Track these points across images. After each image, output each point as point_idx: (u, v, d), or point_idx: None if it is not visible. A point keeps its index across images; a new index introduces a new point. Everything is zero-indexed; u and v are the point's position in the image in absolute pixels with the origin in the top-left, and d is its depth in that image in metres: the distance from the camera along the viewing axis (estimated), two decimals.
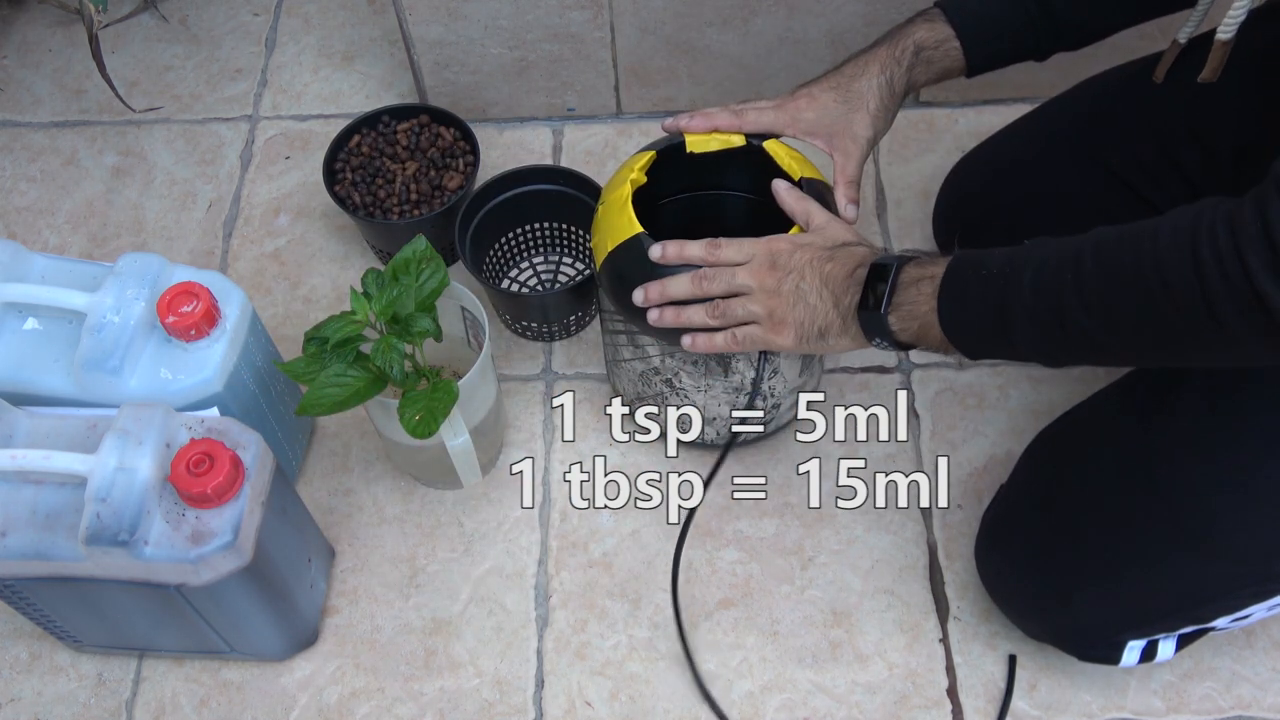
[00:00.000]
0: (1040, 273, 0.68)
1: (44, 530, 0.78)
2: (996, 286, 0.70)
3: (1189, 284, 0.61)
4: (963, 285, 0.73)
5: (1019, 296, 0.69)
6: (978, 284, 0.72)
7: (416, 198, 1.15)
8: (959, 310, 0.73)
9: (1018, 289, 0.69)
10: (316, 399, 0.85)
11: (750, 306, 0.83)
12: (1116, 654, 0.87)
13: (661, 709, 0.94)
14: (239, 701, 0.96)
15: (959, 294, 0.73)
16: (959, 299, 0.73)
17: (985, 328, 0.72)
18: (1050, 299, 0.68)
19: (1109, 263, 0.66)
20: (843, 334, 0.80)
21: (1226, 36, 0.79)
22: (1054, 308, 0.68)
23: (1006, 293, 0.70)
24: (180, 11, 1.45)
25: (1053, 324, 0.68)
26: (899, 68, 0.90)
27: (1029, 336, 0.70)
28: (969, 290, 0.73)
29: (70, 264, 0.92)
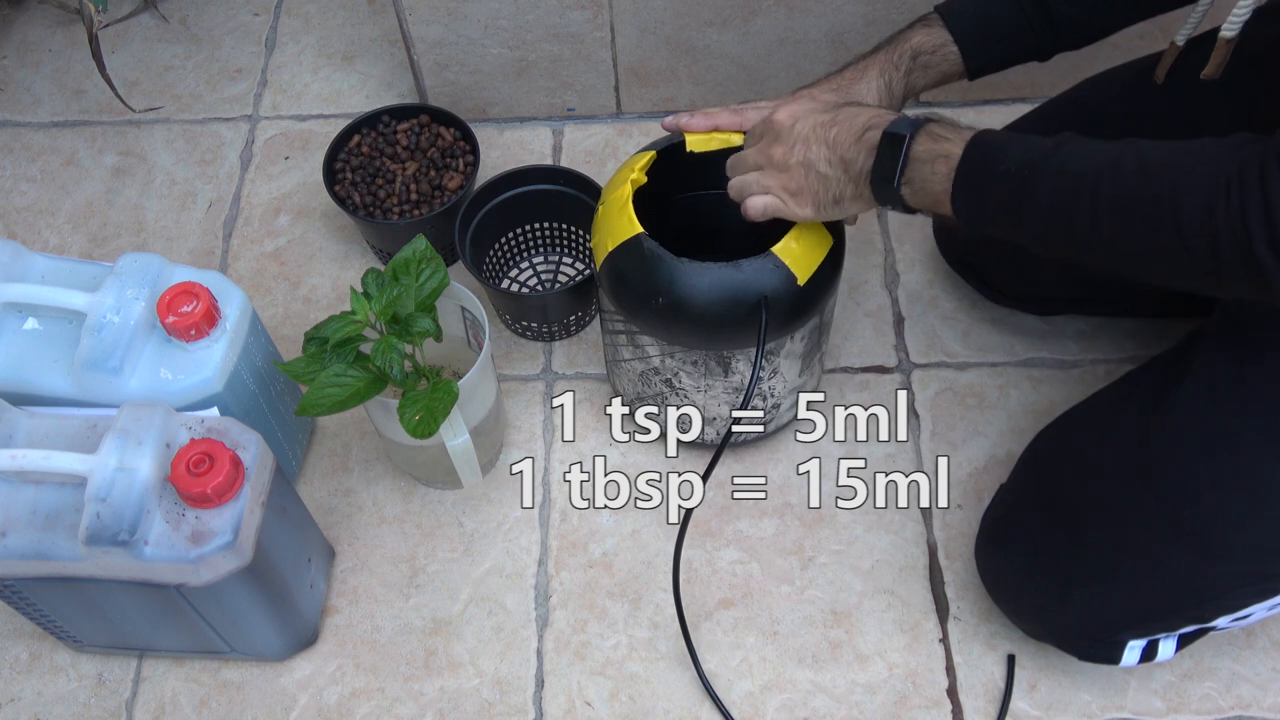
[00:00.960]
0: (1058, 184, 0.69)
1: (44, 530, 0.78)
2: (1013, 186, 0.71)
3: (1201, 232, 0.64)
4: (979, 177, 0.73)
5: (1034, 204, 0.70)
6: (994, 180, 0.72)
7: (416, 198, 1.15)
8: (973, 200, 0.74)
9: (1033, 198, 0.70)
10: (316, 399, 0.85)
11: (764, 181, 0.84)
12: (1117, 654, 0.87)
13: (661, 709, 0.94)
14: (239, 701, 0.96)
15: (975, 185, 0.73)
16: (974, 190, 0.73)
17: (997, 219, 0.73)
18: (1063, 213, 0.69)
19: (1128, 194, 0.67)
20: (857, 199, 0.81)
21: (1231, 34, 0.79)
22: (1066, 222, 0.69)
23: (1022, 197, 0.71)
24: (180, 11, 1.45)
25: (1062, 233, 0.70)
26: (897, 72, 0.90)
27: (1037, 236, 0.72)
28: (985, 184, 0.73)
29: (70, 264, 0.92)
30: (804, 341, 0.94)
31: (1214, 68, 0.83)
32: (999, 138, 0.74)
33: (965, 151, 0.73)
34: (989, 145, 0.73)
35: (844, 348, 1.13)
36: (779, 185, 0.83)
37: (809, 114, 0.82)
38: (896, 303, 1.16)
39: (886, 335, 1.14)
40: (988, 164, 0.73)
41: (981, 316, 1.14)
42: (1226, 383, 0.76)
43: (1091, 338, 1.12)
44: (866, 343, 1.13)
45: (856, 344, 1.13)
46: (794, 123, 0.82)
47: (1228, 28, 0.79)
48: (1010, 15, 0.89)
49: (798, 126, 0.81)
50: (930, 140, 0.75)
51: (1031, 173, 0.70)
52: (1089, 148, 0.70)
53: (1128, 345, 1.12)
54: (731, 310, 0.87)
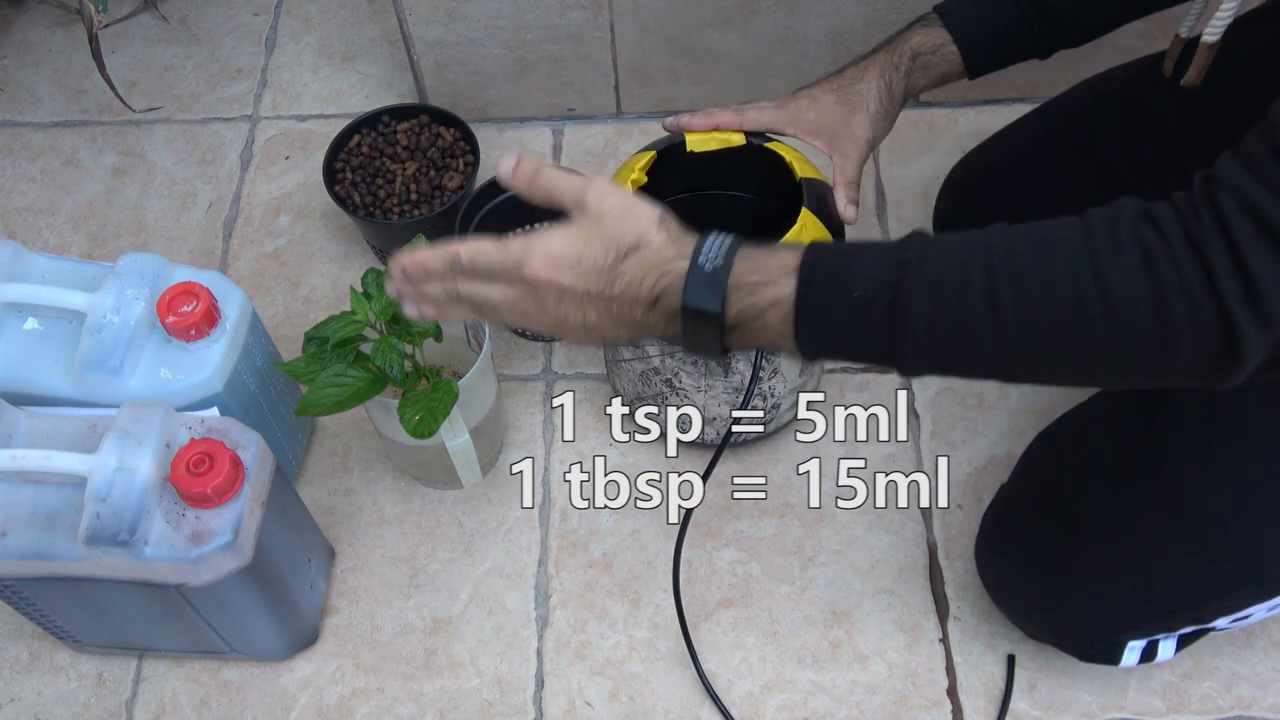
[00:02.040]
0: (936, 301, 0.57)
1: (44, 530, 0.78)
2: (873, 316, 0.59)
3: (1144, 314, 0.54)
4: (825, 316, 0.60)
5: (907, 330, 0.58)
6: (846, 314, 0.60)
7: (416, 198, 1.15)
8: (825, 343, 0.62)
9: (905, 321, 0.58)
10: (316, 399, 0.85)
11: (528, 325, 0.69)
12: (1117, 654, 0.87)
13: (661, 709, 0.94)
14: (239, 701, 0.96)
15: (823, 327, 0.61)
16: (823, 333, 0.61)
17: (863, 357, 0.62)
18: (953, 330, 0.58)
19: (1033, 290, 0.56)
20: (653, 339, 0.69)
21: (1213, 39, 0.78)
22: (958, 341, 0.58)
23: (891, 324, 0.58)
24: (180, 11, 1.45)
25: (954, 354, 0.59)
26: (897, 73, 0.90)
27: (919, 365, 0.60)
28: (835, 321, 0.60)
29: (70, 264, 0.92)
30: None
31: (1195, 74, 0.81)
32: (835, 259, 0.61)
33: (798, 288, 0.60)
34: (826, 272, 0.60)
35: None
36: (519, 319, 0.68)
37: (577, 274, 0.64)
38: None
39: None
40: (833, 296, 0.59)
41: None
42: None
43: None
44: None
45: None
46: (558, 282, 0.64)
47: (1209, 33, 0.78)
48: (1009, 14, 0.89)
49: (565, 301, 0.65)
50: (746, 295, 0.61)
51: (895, 295, 0.58)
52: (957, 248, 0.58)
53: None
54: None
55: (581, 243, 0.64)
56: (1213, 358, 0.55)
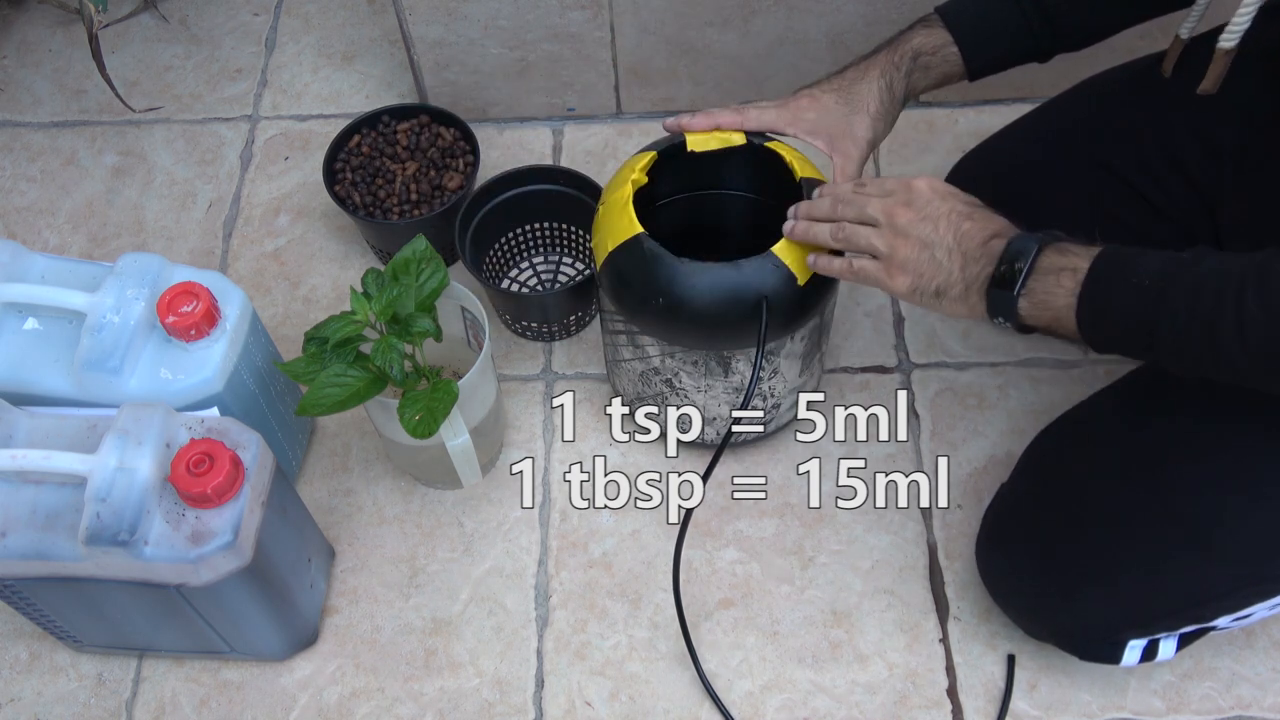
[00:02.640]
0: (1198, 294, 0.66)
1: (44, 530, 0.78)
2: (1148, 301, 0.68)
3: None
4: (1108, 290, 0.70)
5: (1171, 319, 0.67)
6: (1126, 293, 0.69)
7: (416, 198, 1.15)
8: (1101, 316, 0.71)
9: (1169, 310, 0.67)
10: (316, 399, 0.85)
11: (874, 241, 0.79)
12: (1117, 653, 0.87)
13: (661, 709, 0.94)
14: (239, 701, 0.96)
15: (1103, 298, 0.70)
16: (1103, 304, 0.70)
17: (1128, 337, 0.70)
18: (1203, 325, 0.66)
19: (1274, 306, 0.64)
20: (961, 300, 0.77)
21: (1230, 45, 0.79)
22: (1207, 336, 0.66)
23: (1159, 310, 0.67)
24: (180, 11, 1.45)
25: (1201, 348, 0.67)
26: (898, 73, 0.90)
27: (1174, 354, 0.69)
28: (1115, 297, 0.70)
29: (70, 264, 0.92)
30: (804, 341, 0.94)
31: (1211, 82, 0.82)
32: (1130, 250, 0.71)
33: (1094, 264, 0.70)
34: (1119, 257, 0.70)
35: (844, 348, 1.13)
36: (887, 249, 0.78)
37: (950, 196, 0.78)
38: (896, 303, 1.16)
39: (886, 335, 1.14)
40: (1118, 276, 0.69)
41: None
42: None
43: None
44: (866, 343, 1.13)
45: (856, 344, 1.13)
46: (933, 197, 0.78)
47: (1225, 39, 0.79)
48: (1010, 17, 0.89)
49: (935, 203, 0.77)
50: (1056, 254, 0.72)
51: (1168, 284, 0.67)
52: (1231, 256, 0.67)
53: None
54: (731, 310, 0.87)
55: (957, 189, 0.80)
56: None
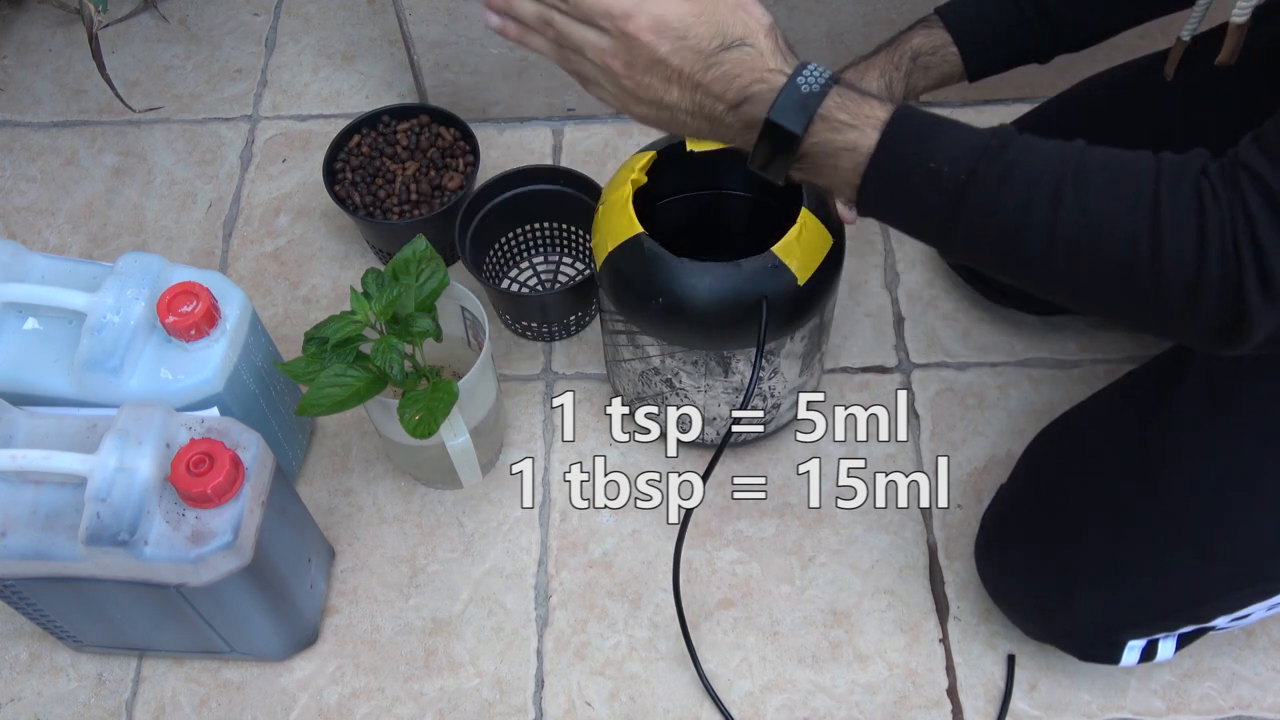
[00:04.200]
0: (1002, 193, 0.59)
1: (44, 530, 0.78)
2: (942, 191, 0.60)
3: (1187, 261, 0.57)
4: (898, 175, 0.61)
5: (969, 215, 0.60)
6: (917, 180, 0.60)
7: (416, 198, 1.15)
8: (887, 202, 0.63)
9: (968, 207, 0.60)
10: (316, 399, 0.85)
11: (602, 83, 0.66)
12: (1116, 654, 0.87)
13: (661, 709, 0.94)
14: (239, 701, 0.96)
15: (891, 184, 0.62)
16: (890, 191, 0.62)
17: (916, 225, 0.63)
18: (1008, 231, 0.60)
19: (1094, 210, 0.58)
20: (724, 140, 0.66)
21: (1241, 19, 0.78)
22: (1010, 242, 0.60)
23: (954, 204, 0.60)
24: (180, 11, 1.45)
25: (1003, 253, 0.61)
26: (897, 73, 0.90)
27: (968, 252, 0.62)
28: (905, 183, 0.61)
29: (70, 264, 0.92)
30: (804, 341, 0.94)
31: (1228, 54, 0.81)
32: (923, 126, 0.61)
33: (880, 143, 0.61)
34: (911, 136, 0.61)
35: (844, 348, 1.13)
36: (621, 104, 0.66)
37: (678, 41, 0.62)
38: (896, 303, 1.16)
39: (886, 335, 1.14)
40: (910, 161, 0.61)
41: (981, 316, 1.14)
42: (1226, 383, 0.76)
43: (1091, 337, 1.12)
44: (866, 343, 1.13)
45: (856, 344, 1.13)
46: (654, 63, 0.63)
47: (1237, 14, 0.78)
48: (1010, 17, 0.89)
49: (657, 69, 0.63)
50: (829, 129, 0.61)
51: (969, 177, 0.60)
52: (1038, 150, 0.60)
53: (1128, 345, 1.12)
54: (731, 310, 0.87)
55: (693, 17, 0.62)
56: (1225, 321, 0.58)
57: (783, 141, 0.62)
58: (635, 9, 0.62)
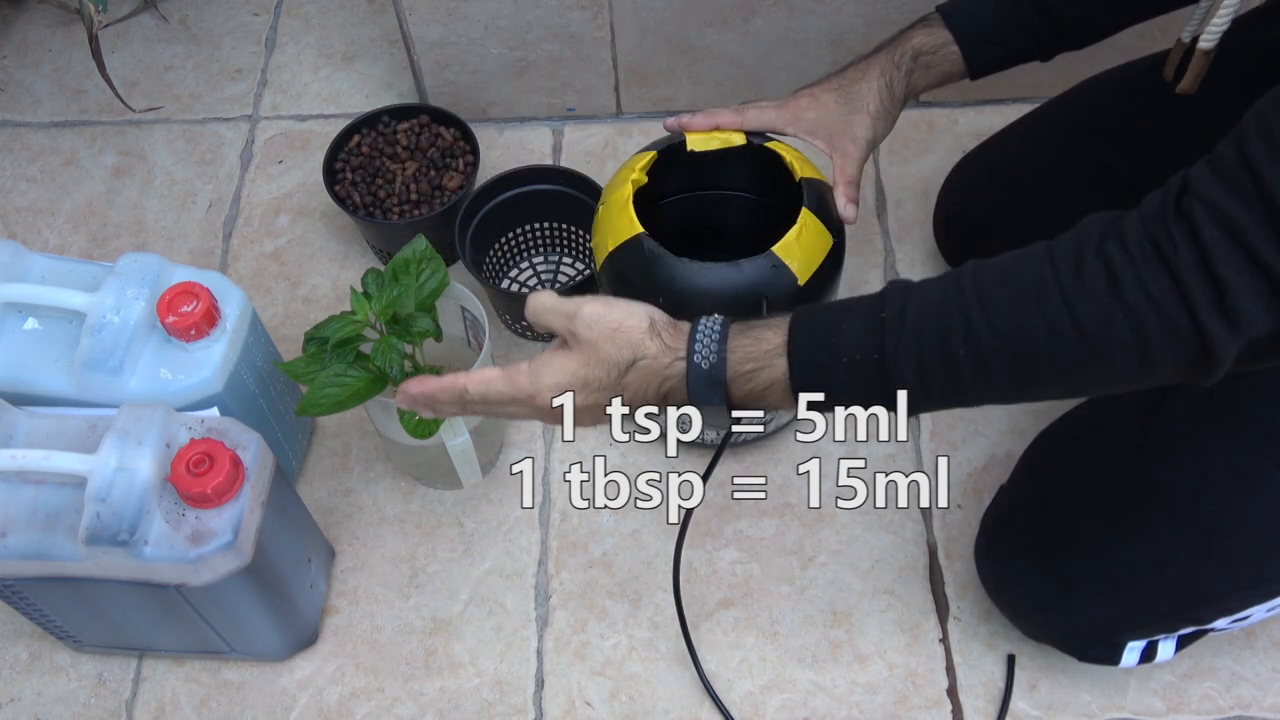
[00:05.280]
0: (919, 354, 0.61)
1: (44, 530, 0.78)
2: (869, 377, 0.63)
3: (1119, 333, 0.56)
4: (825, 379, 0.64)
5: (897, 386, 0.62)
6: (841, 378, 0.64)
7: (416, 198, 1.15)
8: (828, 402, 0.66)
9: (894, 380, 0.62)
10: (316, 399, 0.85)
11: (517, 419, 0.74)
12: (1116, 655, 0.87)
13: (661, 709, 0.94)
14: (239, 701, 0.96)
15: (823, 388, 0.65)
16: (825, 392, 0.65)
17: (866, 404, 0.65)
18: (944, 381, 0.61)
19: (1008, 329, 0.59)
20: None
21: (1209, 45, 0.78)
22: (951, 386, 0.62)
23: (883, 381, 0.63)
24: (180, 11, 1.45)
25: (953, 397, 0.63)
26: (898, 72, 0.90)
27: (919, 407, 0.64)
28: (833, 382, 0.64)
29: (70, 264, 0.92)
30: None
31: (1190, 82, 0.81)
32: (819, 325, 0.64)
33: (790, 368, 0.64)
34: (811, 346, 0.64)
35: None
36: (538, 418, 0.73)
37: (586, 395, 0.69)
38: None
39: None
40: (824, 367, 0.64)
41: None
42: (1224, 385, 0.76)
43: None
44: None
45: None
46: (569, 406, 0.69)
47: (1205, 39, 0.78)
48: (1011, 16, 0.89)
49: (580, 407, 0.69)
50: (746, 381, 0.65)
51: (881, 357, 0.62)
52: (929, 293, 0.61)
53: None
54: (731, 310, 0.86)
55: (584, 369, 0.68)
56: (1189, 362, 0.57)
57: (715, 410, 0.66)
58: (534, 389, 0.69)
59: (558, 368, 0.69)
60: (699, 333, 0.67)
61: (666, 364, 0.67)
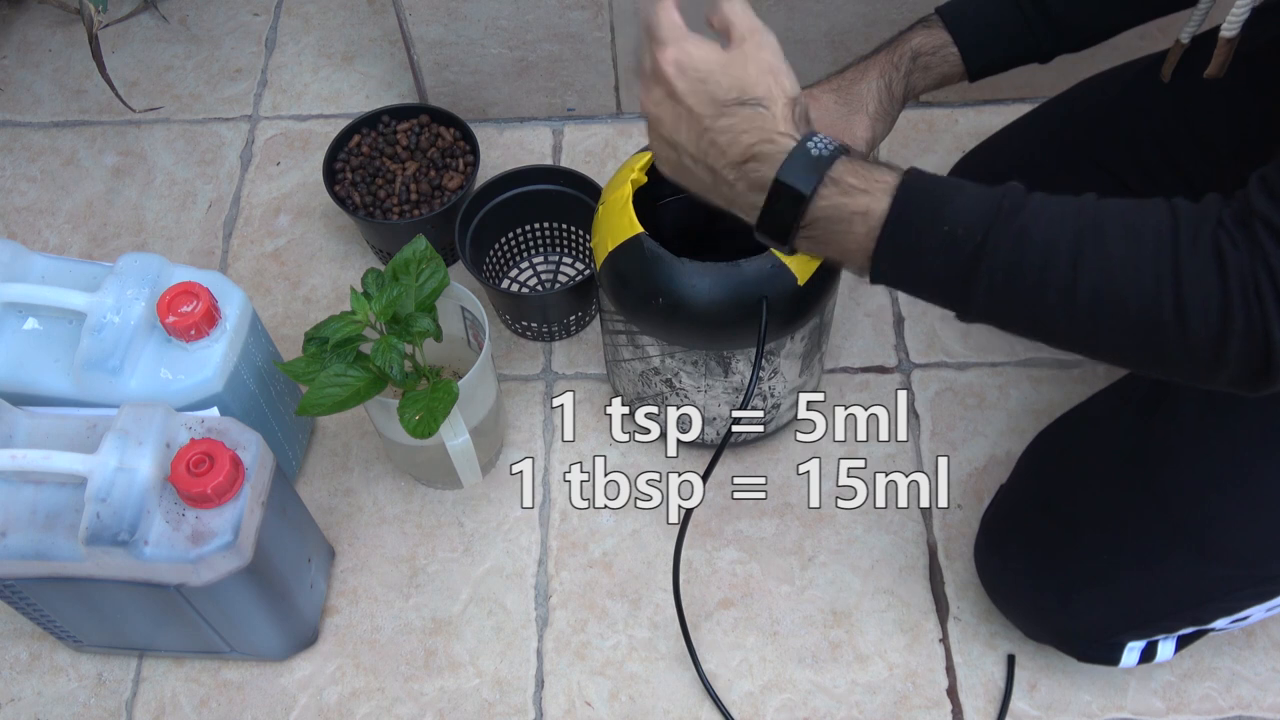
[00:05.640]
0: (1020, 253, 0.58)
1: (44, 530, 0.78)
2: (963, 254, 0.59)
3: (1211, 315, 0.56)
4: (912, 241, 0.60)
5: (988, 278, 0.59)
6: (933, 244, 0.60)
7: (416, 198, 1.15)
8: (903, 268, 0.62)
9: (986, 270, 0.59)
10: (316, 399, 0.85)
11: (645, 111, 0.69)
12: (1116, 655, 0.87)
13: (661, 709, 0.94)
14: (239, 701, 0.96)
15: (906, 251, 0.61)
16: (905, 257, 0.61)
17: (933, 291, 0.62)
18: (1028, 291, 0.59)
19: (1115, 270, 0.58)
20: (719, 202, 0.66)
21: (1231, 34, 0.79)
22: (1032, 302, 0.59)
23: (971, 268, 0.59)
24: (180, 11, 1.45)
25: (1022, 313, 0.61)
26: (897, 73, 0.90)
27: (988, 314, 0.61)
28: (920, 249, 0.60)
29: (70, 264, 0.92)
30: (804, 341, 0.94)
31: (1216, 67, 0.82)
32: (934, 189, 0.61)
33: (892, 207, 0.60)
34: (923, 200, 0.60)
35: (844, 348, 1.13)
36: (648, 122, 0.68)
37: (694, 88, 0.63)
38: (896, 303, 1.16)
39: (886, 335, 1.14)
40: (923, 224, 0.60)
41: None
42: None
43: None
44: (866, 343, 1.13)
45: (856, 344, 1.13)
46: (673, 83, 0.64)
47: (1227, 28, 0.79)
48: (1011, 17, 0.89)
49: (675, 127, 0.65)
50: (840, 193, 0.61)
51: (984, 239, 0.59)
52: (1052, 208, 0.60)
53: None
54: (731, 310, 0.87)
55: (718, 66, 0.63)
56: (1253, 368, 0.57)
57: (791, 203, 0.61)
58: (671, 40, 0.64)
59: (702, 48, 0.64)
60: (819, 133, 0.62)
61: (781, 130, 0.62)
